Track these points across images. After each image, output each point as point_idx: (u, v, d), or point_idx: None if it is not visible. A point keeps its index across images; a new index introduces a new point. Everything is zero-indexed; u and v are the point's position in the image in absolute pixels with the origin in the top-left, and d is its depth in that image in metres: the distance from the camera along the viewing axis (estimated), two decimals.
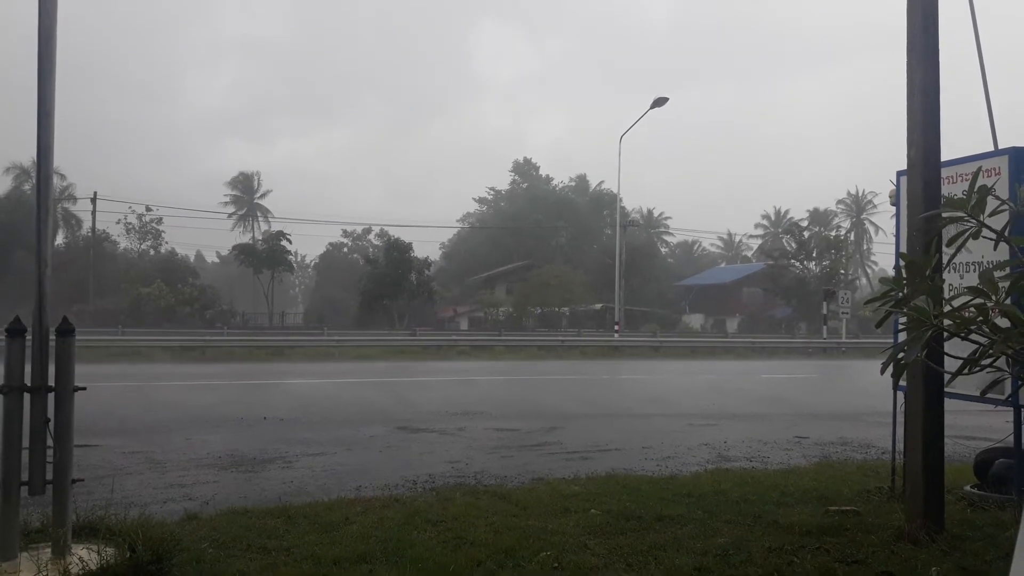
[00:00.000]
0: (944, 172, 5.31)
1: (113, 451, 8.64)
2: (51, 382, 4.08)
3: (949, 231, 2.85)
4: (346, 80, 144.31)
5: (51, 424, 4.02)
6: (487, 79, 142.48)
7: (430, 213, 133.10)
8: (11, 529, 3.89)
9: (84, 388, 4.24)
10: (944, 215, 2.87)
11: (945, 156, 5.21)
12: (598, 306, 51.95)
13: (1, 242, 45.36)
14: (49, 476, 4.04)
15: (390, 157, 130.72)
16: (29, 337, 4.04)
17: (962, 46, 6.65)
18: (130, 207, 53.10)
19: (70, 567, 3.76)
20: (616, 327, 38.56)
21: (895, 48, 5.21)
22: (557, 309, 48.25)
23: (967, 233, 2.69)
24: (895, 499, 5.94)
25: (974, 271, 5.46)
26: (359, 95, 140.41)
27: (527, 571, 4.29)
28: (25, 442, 3.97)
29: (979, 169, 3.50)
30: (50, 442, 4.02)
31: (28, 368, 4.07)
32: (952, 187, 5.53)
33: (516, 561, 4.47)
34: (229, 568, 4.29)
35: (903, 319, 2.69)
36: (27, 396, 4.00)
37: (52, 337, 4.13)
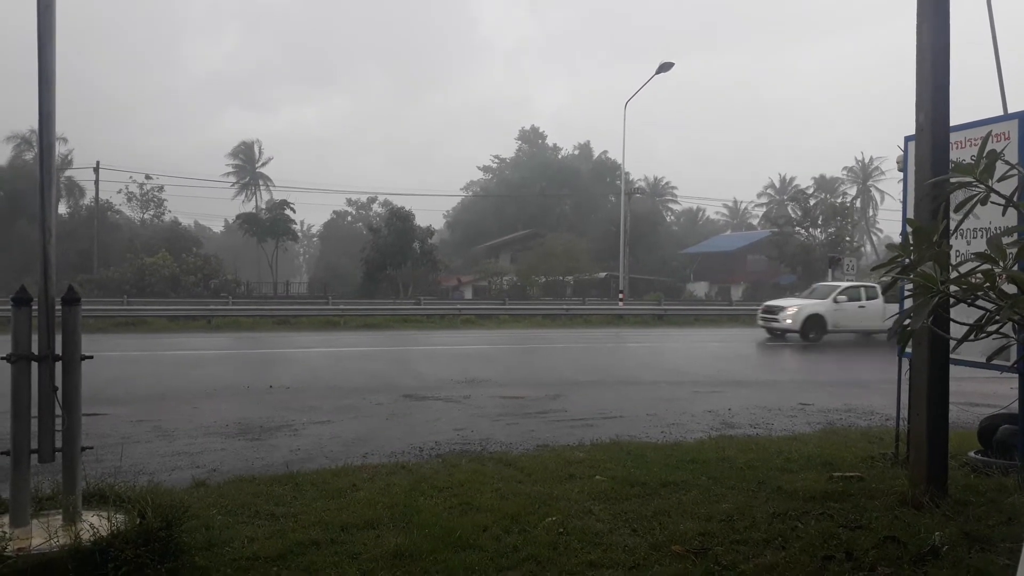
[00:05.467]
0: (952, 137, 5.25)
1: (121, 420, 8.72)
2: (58, 351, 4.09)
3: (957, 197, 2.83)
4: (349, 47, 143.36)
5: (59, 392, 4.04)
6: (491, 45, 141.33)
7: (434, 181, 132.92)
8: (22, 496, 3.93)
9: (91, 357, 4.25)
10: (952, 180, 2.84)
11: (954, 121, 5.15)
12: (602, 274, 51.96)
13: (4, 212, 45.43)
14: (59, 444, 4.07)
15: (394, 125, 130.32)
16: (35, 307, 4.04)
17: (973, 9, 6.55)
18: (131, 176, 53.03)
19: (81, 533, 3.80)
20: (620, 295, 38.58)
21: (905, 12, 5.14)
22: (561, 278, 48.21)
23: (975, 199, 2.66)
24: (899, 465, 5.97)
25: (982, 237, 5.42)
26: (362, 62, 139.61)
27: (533, 536, 4.33)
28: (34, 411, 3.99)
29: (989, 134, 3.45)
30: (59, 410, 4.04)
31: (35, 338, 4.08)
32: (960, 152, 5.48)
33: (522, 526, 4.51)
34: (238, 534, 4.35)
35: (909, 285, 2.67)
36: (34, 365, 4.01)
37: (58, 306, 4.13)
